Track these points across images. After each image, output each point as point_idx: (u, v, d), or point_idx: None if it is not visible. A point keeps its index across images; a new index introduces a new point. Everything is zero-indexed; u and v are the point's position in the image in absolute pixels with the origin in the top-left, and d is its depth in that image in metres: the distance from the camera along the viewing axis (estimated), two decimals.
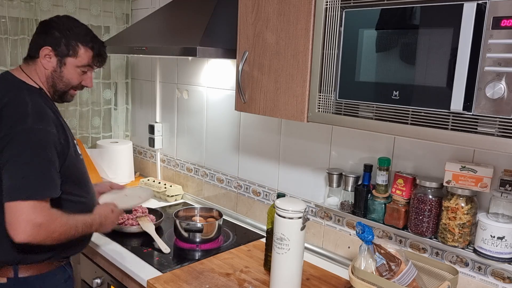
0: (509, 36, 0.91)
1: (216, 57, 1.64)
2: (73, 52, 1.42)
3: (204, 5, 1.81)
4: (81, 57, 1.44)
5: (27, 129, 1.27)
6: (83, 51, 1.44)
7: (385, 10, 1.10)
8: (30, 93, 1.37)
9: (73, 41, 1.42)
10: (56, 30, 1.41)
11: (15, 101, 1.32)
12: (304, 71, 1.32)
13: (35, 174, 1.26)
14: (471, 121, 0.98)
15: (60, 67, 1.43)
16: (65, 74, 1.44)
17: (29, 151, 1.26)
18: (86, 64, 1.45)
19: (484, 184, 1.24)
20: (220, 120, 2.19)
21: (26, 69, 1.44)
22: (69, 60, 1.43)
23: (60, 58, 1.42)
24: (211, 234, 1.80)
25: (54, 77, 1.43)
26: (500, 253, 1.24)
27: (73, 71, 1.45)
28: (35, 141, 1.28)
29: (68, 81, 1.45)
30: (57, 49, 1.41)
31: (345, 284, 1.53)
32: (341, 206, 1.62)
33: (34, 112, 1.31)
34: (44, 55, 1.41)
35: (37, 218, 1.23)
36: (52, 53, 1.41)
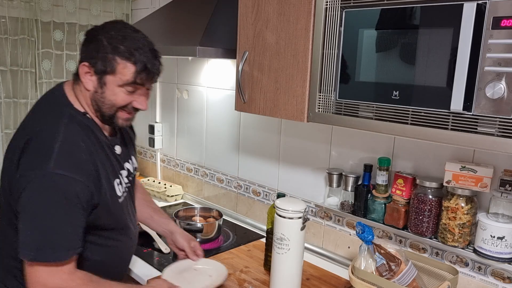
0: (509, 36, 0.91)
1: (216, 57, 1.64)
2: (110, 69, 1.14)
3: (204, 5, 1.81)
4: (121, 73, 1.15)
5: (46, 175, 1.06)
6: (122, 66, 1.14)
7: (385, 10, 1.10)
8: (69, 122, 1.15)
9: (109, 55, 1.13)
10: (94, 41, 1.15)
11: (45, 133, 1.12)
12: (304, 71, 1.32)
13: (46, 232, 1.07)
14: (471, 121, 0.98)
15: (101, 87, 1.17)
16: (107, 95, 1.17)
17: (43, 203, 1.07)
18: (130, 82, 1.16)
19: (484, 184, 1.24)
20: (220, 120, 2.19)
21: (76, 88, 1.22)
22: (109, 78, 1.15)
23: (99, 77, 1.16)
24: (211, 234, 1.80)
25: (96, 99, 1.19)
26: (500, 253, 1.24)
27: (117, 91, 1.17)
28: (52, 190, 1.07)
29: (111, 103, 1.18)
30: (95, 66, 1.15)
31: (345, 284, 1.53)
32: (341, 206, 1.62)
33: (61, 153, 1.09)
34: (84, 73, 1.17)
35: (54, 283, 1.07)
36: (91, 70, 1.16)
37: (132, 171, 1.41)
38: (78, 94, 1.22)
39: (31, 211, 1.07)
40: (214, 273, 1.49)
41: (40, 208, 1.07)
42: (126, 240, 1.35)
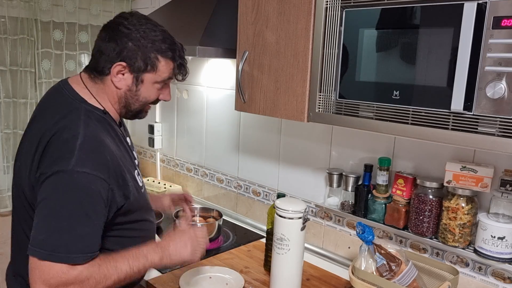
0: (510, 36, 0.91)
1: (216, 56, 1.64)
2: (151, 67, 1.17)
3: (204, 5, 1.80)
4: (161, 71, 1.18)
5: (67, 172, 1.04)
6: (164, 63, 1.18)
7: (385, 9, 1.09)
8: (87, 119, 1.13)
9: (152, 53, 1.15)
10: (129, 39, 1.14)
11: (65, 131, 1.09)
12: (304, 71, 1.32)
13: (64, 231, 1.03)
14: (472, 121, 0.98)
15: (136, 85, 1.18)
16: (142, 92, 1.20)
17: (61, 200, 1.04)
18: (167, 78, 1.21)
19: (485, 184, 1.23)
20: (220, 120, 2.18)
21: (90, 84, 1.20)
22: (147, 76, 1.18)
23: (136, 75, 1.17)
24: (211, 234, 1.80)
25: (128, 97, 1.20)
26: (501, 253, 1.24)
27: (152, 88, 1.20)
28: (73, 188, 1.04)
29: (146, 99, 1.22)
30: (133, 65, 1.15)
31: (345, 284, 1.52)
32: (341, 206, 1.61)
33: (83, 150, 1.07)
34: (117, 73, 1.16)
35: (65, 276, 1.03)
36: (126, 69, 1.16)
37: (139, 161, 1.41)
38: (97, 92, 1.19)
39: (50, 209, 1.04)
40: (231, 281, 1.48)
41: (59, 206, 1.04)
42: (149, 231, 1.33)
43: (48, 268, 1.02)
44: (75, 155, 1.05)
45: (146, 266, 1.16)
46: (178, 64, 1.21)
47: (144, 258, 1.16)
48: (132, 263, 1.13)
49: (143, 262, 1.15)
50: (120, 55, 1.14)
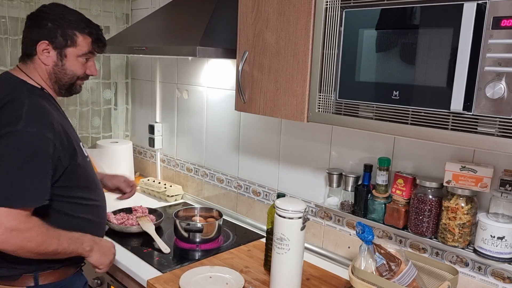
0: (509, 36, 0.91)
1: (216, 57, 1.64)
2: (71, 42, 1.34)
3: (204, 5, 1.80)
4: (80, 45, 1.36)
5: (16, 132, 1.18)
6: (82, 38, 1.35)
7: (385, 10, 1.10)
8: (30, 94, 1.30)
9: (69, 30, 1.33)
10: (48, 21, 1.31)
11: (13, 103, 1.25)
12: (304, 71, 1.32)
13: (13, 181, 1.17)
14: (471, 121, 0.98)
15: (61, 60, 1.35)
16: (67, 66, 1.36)
17: (13, 156, 1.18)
18: (87, 51, 1.38)
19: (484, 184, 1.24)
20: (220, 120, 2.19)
21: (25, 68, 1.36)
22: (69, 50, 1.35)
23: (59, 51, 1.34)
24: (211, 234, 1.80)
25: (56, 72, 1.36)
26: (500, 253, 1.24)
27: (76, 62, 1.37)
28: (23, 145, 1.19)
29: (73, 73, 1.38)
30: (55, 42, 1.32)
31: (345, 284, 1.53)
32: (341, 206, 1.62)
33: (30, 114, 1.22)
34: (42, 50, 1.32)
35: (9, 223, 1.16)
36: (49, 46, 1.32)
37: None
38: (31, 72, 1.36)
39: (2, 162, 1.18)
40: (231, 281, 1.48)
41: (11, 159, 1.18)
42: (101, 200, 1.48)
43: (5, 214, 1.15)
44: (23, 118, 1.20)
45: (78, 250, 1.33)
46: (95, 38, 1.39)
47: (80, 243, 1.34)
48: (70, 243, 1.30)
49: (78, 246, 1.33)
50: (42, 35, 1.32)
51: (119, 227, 1.87)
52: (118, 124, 2.79)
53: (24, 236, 1.19)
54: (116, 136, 2.80)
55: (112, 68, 2.68)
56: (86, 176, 1.40)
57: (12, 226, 1.16)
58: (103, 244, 1.43)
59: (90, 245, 1.37)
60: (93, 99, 2.64)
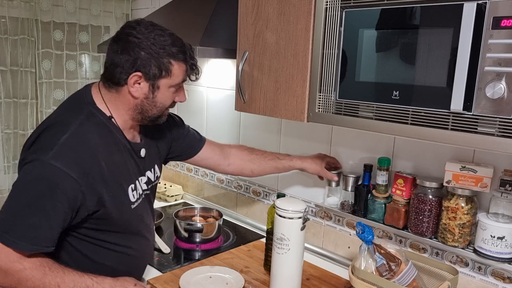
0: (509, 36, 0.91)
1: (216, 57, 1.64)
2: (166, 72, 1.17)
3: (204, 5, 1.80)
4: (175, 74, 1.19)
5: (41, 162, 1.06)
6: (177, 67, 1.19)
7: (385, 10, 1.10)
8: (85, 119, 1.16)
9: (165, 59, 1.16)
10: (141, 49, 1.14)
11: (57, 125, 1.13)
12: (304, 71, 1.32)
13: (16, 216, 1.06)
14: (471, 121, 0.98)
15: (153, 93, 1.19)
16: (158, 98, 1.21)
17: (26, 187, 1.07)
18: (181, 80, 1.23)
19: (484, 184, 1.24)
20: (220, 120, 2.19)
21: (104, 92, 1.22)
22: (163, 81, 1.19)
23: (152, 82, 1.18)
24: (211, 234, 1.80)
25: (145, 105, 1.21)
26: (500, 253, 1.24)
27: (168, 92, 1.21)
28: (40, 178, 1.06)
29: (163, 105, 1.23)
30: (148, 73, 1.16)
31: (345, 284, 1.53)
32: (341, 206, 1.62)
33: (64, 145, 1.09)
34: (134, 83, 1.17)
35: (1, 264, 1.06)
36: (142, 78, 1.17)
37: (153, 180, 1.41)
38: (111, 100, 1.22)
39: (14, 193, 1.08)
40: (231, 281, 1.48)
41: (22, 193, 1.07)
42: (139, 248, 1.33)
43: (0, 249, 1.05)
44: (55, 149, 1.07)
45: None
46: (190, 65, 1.23)
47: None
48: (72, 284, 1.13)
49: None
50: (135, 65, 1.15)
51: None
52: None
53: (13, 277, 1.08)
54: None
55: None
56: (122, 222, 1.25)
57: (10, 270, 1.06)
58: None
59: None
60: None
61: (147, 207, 1.37)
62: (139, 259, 1.36)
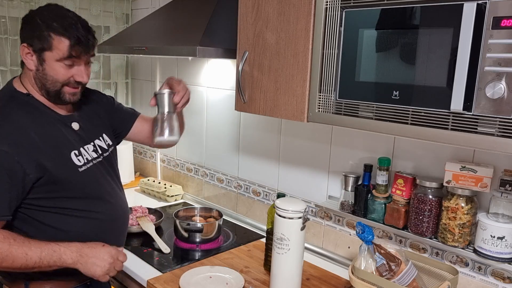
0: (509, 36, 0.91)
1: (216, 57, 1.64)
2: (47, 45, 1.21)
3: (204, 5, 1.80)
4: (57, 48, 1.21)
5: None
6: (57, 41, 1.21)
7: (385, 10, 1.10)
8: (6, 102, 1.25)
9: (44, 32, 1.20)
10: (29, 22, 1.23)
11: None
12: (304, 71, 1.32)
13: None
14: (471, 121, 0.98)
15: (41, 65, 1.24)
16: (47, 71, 1.24)
17: None
18: (66, 56, 1.22)
19: (484, 184, 1.24)
20: (220, 120, 2.19)
21: (22, 74, 1.32)
22: (47, 55, 1.22)
23: (38, 55, 1.23)
24: (211, 234, 1.80)
25: (39, 77, 1.26)
26: (500, 253, 1.24)
27: (56, 66, 1.23)
28: None
29: (53, 78, 1.25)
30: (33, 45, 1.22)
31: (345, 284, 1.53)
32: (341, 206, 1.62)
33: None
34: (25, 54, 1.24)
35: None
36: (30, 50, 1.23)
37: (106, 148, 1.46)
38: (24, 78, 1.30)
39: None
40: (231, 281, 1.48)
41: None
42: (103, 212, 1.37)
43: None
44: None
45: (57, 263, 1.21)
46: (74, 41, 1.22)
47: (58, 256, 1.20)
48: (43, 256, 1.18)
49: (54, 259, 1.20)
50: (24, 37, 1.24)
51: None
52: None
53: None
54: None
55: (112, 68, 2.68)
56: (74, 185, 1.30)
57: None
58: (93, 254, 1.24)
59: (71, 257, 1.21)
60: None
61: (103, 172, 1.41)
62: (108, 223, 1.38)
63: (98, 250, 1.26)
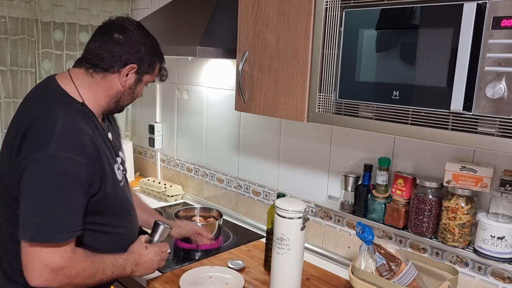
0: (509, 36, 0.91)
1: (216, 57, 1.64)
2: (151, 70, 1.30)
3: (204, 5, 1.80)
4: (154, 73, 1.33)
5: (47, 157, 1.07)
6: (157, 67, 1.33)
7: (385, 10, 1.10)
8: (66, 108, 1.17)
9: (154, 58, 1.29)
10: (141, 44, 1.25)
11: (44, 118, 1.13)
12: (304, 71, 1.32)
13: (47, 213, 1.08)
14: (471, 121, 0.98)
15: (136, 85, 1.29)
16: (137, 90, 1.31)
17: (45, 184, 1.08)
18: (153, 79, 1.35)
19: (484, 184, 1.24)
20: (220, 120, 2.19)
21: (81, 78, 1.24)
22: (146, 77, 1.30)
23: (139, 76, 1.28)
24: (211, 234, 1.80)
25: (125, 94, 1.28)
26: (500, 253, 1.24)
27: (143, 87, 1.33)
28: (54, 171, 1.08)
29: (136, 97, 1.33)
30: (140, 67, 1.26)
31: (345, 284, 1.53)
32: (341, 206, 1.62)
33: (62, 135, 1.10)
34: (127, 74, 1.25)
35: (55, 262, 1.09)
36: (134, 70, 1.25)
37: (125, 160, 1.44)
38: (87, 84, 1.24)
39: (32, 192, 1.09)
40: (231, 281, 1.48)
41: (41, 189, 1.08)
42: (128, 226, 1.36)
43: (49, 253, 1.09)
44: (55, 140, 1.09)
45: (120, 276, 1.27)
46: (163, 67, 1.37)
47: (122, 269, 1.27)
48: (114, 271, 1.24)
49: (119, 273, 1.26)
50: (133, 58, 1.24)
51: None
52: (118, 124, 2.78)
53: (71, 273, 1.12)
54: None
55: None
56: (117, 201, 1.29)
57: (58, 266, 1.10)
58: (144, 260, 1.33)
59: (131, 269, 1.30)
60: None
61: (127, 185, 1.40)
62: (129, 237, 1.37)
63: (146, 255, 1.34)
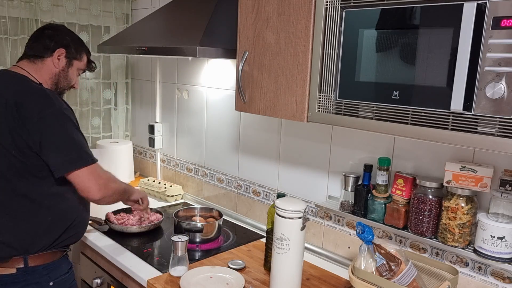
0: (509, 36, 0.91)
1: (216, 57, 1.64)
2: (79, 56, 1.65)
3: (204, 5, 1.81)
4: (83, 61, 1.68)
5: (57, 110, 1.45)
6: (84, 57, 1.68)
7: (385, 10, 1.10)
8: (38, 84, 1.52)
9: (80, 47, 1.66)
10: (66, 35, 1.63)
11: (31, 90, 1.48)
12: (304, 71, 1.32)
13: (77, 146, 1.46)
14: (471, 121, 0.98)
15: (67, 68, 1.63)
16: (69, 74, 1.64)
17: (68, 127, 1.46)
18: (83, 68, 1.70)
19: (484, 184, 1.24)
20: (220, 120, 2.19)
21: (28, 67, 1.57)
22: (75, 62, 1.65)
23: (69, 60, 1.62)
24: (211, 234, 1.80)
25: (60, 76, 1.61)
26: (500, 253, 1.24)
27: (75, 73, 1.67)
28: (66, 119, 1.46)
29: (70, 81, 1.65)
30: (69, 52, 1.62)
31: (345, 284, 1.53)
32: (341, 206, 1.62)
33: (55, 96, 1.49)
34: (58, 56, 1.59)
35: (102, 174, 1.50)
36: (63, 54, 1.60)
37: None
38: (35, 70, 1.57)
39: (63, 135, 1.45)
40: (231, 281, 1.48)
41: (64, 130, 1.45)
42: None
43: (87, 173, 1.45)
44: (52, 99, 1.47)
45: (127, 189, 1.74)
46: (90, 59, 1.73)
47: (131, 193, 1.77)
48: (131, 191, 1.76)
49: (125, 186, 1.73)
50: (60, 44, 1.59)
51: (119, 227, 1.87)
52: (118, 124, 2.79)
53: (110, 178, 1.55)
54: (116, 136, 2.80)
55: (112, 68, 2.68)
56: None
57: (104, 176, 1.51)
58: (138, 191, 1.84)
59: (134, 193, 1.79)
60: (93, 99, 2.65)
61: None
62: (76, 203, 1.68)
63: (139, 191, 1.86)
